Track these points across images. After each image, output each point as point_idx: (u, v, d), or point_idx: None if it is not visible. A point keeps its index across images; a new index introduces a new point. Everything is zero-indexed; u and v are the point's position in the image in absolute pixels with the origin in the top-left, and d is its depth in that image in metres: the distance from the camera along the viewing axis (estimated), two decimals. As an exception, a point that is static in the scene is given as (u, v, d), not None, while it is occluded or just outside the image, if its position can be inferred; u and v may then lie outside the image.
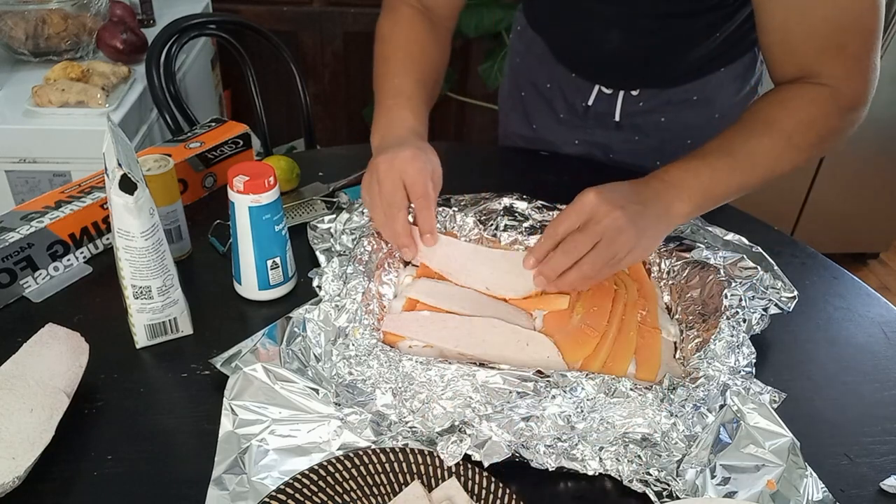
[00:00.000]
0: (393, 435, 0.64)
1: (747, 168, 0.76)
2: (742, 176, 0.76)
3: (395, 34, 0.92)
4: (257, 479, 0.60)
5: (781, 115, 0.77)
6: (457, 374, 0.65)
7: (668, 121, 1.05)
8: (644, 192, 0.73)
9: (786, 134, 0.76)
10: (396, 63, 0.89)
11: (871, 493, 0.64)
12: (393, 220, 0.77)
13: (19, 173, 1.45)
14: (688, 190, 0.74)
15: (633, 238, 0.70)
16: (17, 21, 1.56)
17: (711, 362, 0.68)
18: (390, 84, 0.87)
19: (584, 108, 1.08)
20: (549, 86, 1.10)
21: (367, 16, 2.29)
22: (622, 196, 0.71)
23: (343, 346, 0.69)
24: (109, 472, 0.62)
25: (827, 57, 0.75)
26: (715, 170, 0.75)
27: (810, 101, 0.77)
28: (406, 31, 0.91)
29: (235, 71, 1.95)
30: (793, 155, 0.77)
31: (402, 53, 0.90)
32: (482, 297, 0.79)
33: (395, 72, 0.88)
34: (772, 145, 0.76)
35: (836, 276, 0.91)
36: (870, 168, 2.19)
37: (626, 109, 1.06)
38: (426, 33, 0.92)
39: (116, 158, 0.65)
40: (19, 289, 0.80)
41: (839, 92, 0.76)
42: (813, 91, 0.77)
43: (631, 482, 0.61)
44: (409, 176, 0.76)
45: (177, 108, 1.48)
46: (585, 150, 1.13)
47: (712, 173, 0.75)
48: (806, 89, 0.77)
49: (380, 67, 0.90)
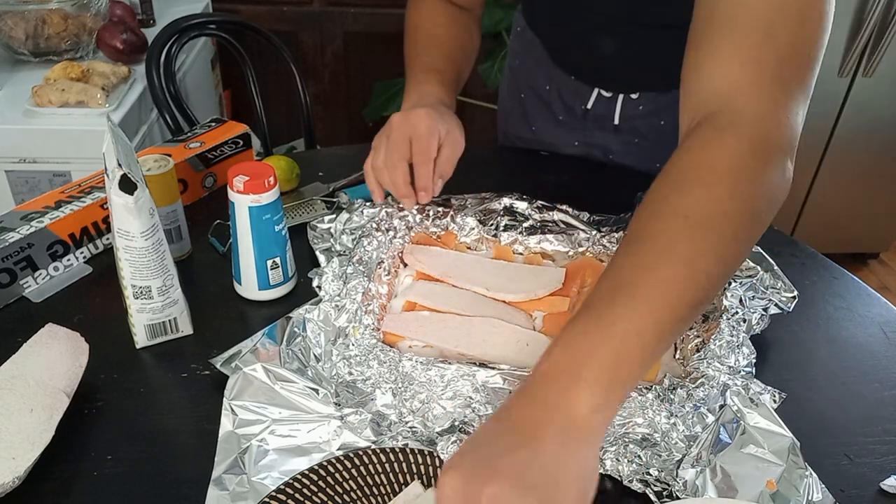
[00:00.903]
0: (393, 435, 0.64)
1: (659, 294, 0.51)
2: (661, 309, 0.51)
3: (420, 21, 0.96)
4: (257, 479, 0.60)
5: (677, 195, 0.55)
6: (457, 374, 0.65)
7: (668, 123, 1.05)
8: (528, 414, 0.48)
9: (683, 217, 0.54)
10: (424, 44, 0.93)
11: (871, 493, 0.64)
12: (393, 169, 0.80)
13: (19, 173, 1.45)
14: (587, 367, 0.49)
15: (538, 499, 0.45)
16: (17, 21, 1.56)
17: (711, 362, 0.68)
18: (419, 62, 0.91)
19: (584, 111, 1.08)
20: (547, 88, 1.10)
21: (367, 16, 2.29)
22: (492, 455, 0.46)
23: (343, 346, 0.69)
24: (109, 472, 0.62)
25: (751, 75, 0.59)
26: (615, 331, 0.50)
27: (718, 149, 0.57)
28: (431, 17, 0.96)
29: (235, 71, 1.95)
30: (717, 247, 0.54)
31: (429, 36, 0.94)
32: (482, 299, 0.79)
33: (423, 52, 0.92)
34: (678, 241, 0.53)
35: (836, 276, 0.91)
36: (870, 168, 2.19)
37: (625, 113, 1.05)
38: (450, 17, 0.96)
39: (116, 158, 0.65)
40: (19, 289, 0.80)
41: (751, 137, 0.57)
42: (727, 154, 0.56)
43: (631, 482, 0.61)
44: (417, 130, 0.79)
45: (177, 108, 1.48)
46: (585, 151, 1.13)
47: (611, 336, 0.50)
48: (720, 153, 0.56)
49: (409, 52, 0.94)
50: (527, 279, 0.80)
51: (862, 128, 2.09)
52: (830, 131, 2.11)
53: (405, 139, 0.79)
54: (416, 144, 0.79)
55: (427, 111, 0.80)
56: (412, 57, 0.93)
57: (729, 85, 0.59)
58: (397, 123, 0.80)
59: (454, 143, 0.82)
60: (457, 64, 0.93)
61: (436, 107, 0.83)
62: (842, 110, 2.06)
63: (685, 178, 0.56)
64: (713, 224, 0.54)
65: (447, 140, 0.81)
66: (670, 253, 0.52)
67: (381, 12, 2.28)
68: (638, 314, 0.50)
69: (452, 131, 0.82)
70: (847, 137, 2.11)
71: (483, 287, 0.80)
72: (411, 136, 0.79)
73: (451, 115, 0.84)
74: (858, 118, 2.07)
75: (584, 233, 0.86)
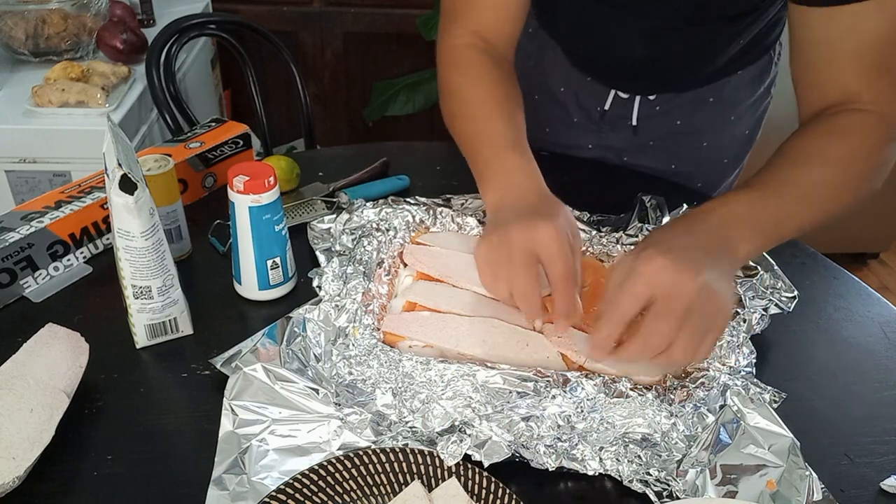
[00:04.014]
0: (393, 435, 0.64)
1: (812, 201, 0.69)
2: (809, 211, 0.69)
3: (468, 83, 0.82)
4: (257, 479, 0.60)
5: (835, 147, 0.70)
6: (457, 374, 0.65)
7: (684, 123, 1.05)
8: (709, 238, 0.64)
9: (843, 166, 0.69)
10: (485, 111, 0.79)
11: (871, 493, 0.64)
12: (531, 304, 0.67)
13: (19, 173, 1.45)
14: (754, 226, 0.66)
15: (719, 304, 0.61)
16: (17, 21, 1.56)
17: (711, 362, 0.68)
18: (489, 135, 0.77)
19: (600, 113, 1.07)
20: (562, 90, 1.09)
21: (367, 16, 2.29)
22: (693, 256, 0.60)
23: (343, 346, 0.69)
24: (109, 472, 0.62)
25: (871, 78, 0.70)
26: (783, 202, 0.67)
27: (861, 130, 0.70)
28: (481, 76, 0.82)
29: (235, 71, 1.95)
30: (851, 188, 0.70)
31: (487, 100, 0.80)
32: (482, 298, 0.79)
33: (486, 117, 0.78)
34: (832, 177, 0.69)
35: (836, 276, 0.91)
36: (870, 168, 2.19)
37: (642, 113, 1.04)
38: (499, 71, 0.83)
39: (116, 158, 0.65)
40: (19, 289, 0.80)
41: (886, 118, 0.70)
42: (861, 119, 0.70)
43: (631, 482, 0.61)
44: (548, 252, 0.65)
45: (177, 108, 1.48)
46: (598, 154, 1.11)
47: (779, 207, 0.67)
48: (853, 118, 0.70)
49: (464, 123, 0.80)
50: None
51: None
52: (830, 131, 2.11)
53: (535, 268, 0.66)
54: (553, 272, 0.66)
55: (552, 226, 0.65)
56: (474, 128, 0.78)
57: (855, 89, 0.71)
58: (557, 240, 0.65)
59: (577, 246, 0.69)
60: (521, 124, 0.79)
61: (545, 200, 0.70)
62: (842, 110, 2.06)
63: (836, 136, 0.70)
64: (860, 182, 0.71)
65: (575, 244, 0.68)
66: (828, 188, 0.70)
67: (381, 12, 2.29)
68: (800, 203, 0.68)
69: (574, 232, 0.69)
70: (847, 137, 2.11)
71: (483, 287, 0.80)
72: (541, 259, 0.66)
73: (557, 203, 0.71)
74: (858, 118, 2.07)
75: (584, 233, 0.86)
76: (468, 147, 0.79)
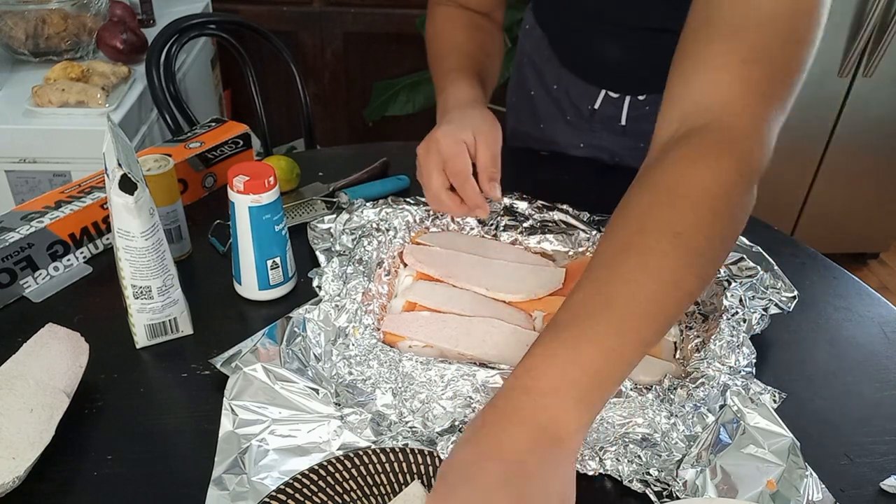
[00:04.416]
0: (393, 435, 0.64)
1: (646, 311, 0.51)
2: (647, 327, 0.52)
3: (437, 31, 0.95)
4: (257, 479, 0.60)
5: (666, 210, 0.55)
6: (457, 374, 0.65)
7: None
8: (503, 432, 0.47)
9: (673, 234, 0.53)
10: (443, 51, 0.92)
11: (871, 493, 0.64)
12: (438, 201, 0.78)
13: (19, 173, 1.45)
14: (576, 386, 0.48)
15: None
16: (17, 21, 1.56)
17: (711, 362, 0.68)
18: (441, 69, 0.89)
19: (591, 112, 1.08)
20: (555, 87, 1.10)
21: (367, 16, 2.29)
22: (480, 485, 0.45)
23: (343, 346, 0.69)
24: (109, 472, 0.62)
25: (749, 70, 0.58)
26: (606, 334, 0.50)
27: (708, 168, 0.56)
28: (448, 25, 0.95)
29: (235, 71, 1.95)
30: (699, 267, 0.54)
31: (446, 42, 0.92)
32: (482, 298, 0.79)
33: (443, 59, 0.91)
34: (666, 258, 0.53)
35: (836, 276, 0.91)
36: (870, 168, 2.19)
37: (632, 113, 1.05)
38: (467, 22, 0.95)
39: (116, 158, 0.65)
40: (19, 289, 0.80)
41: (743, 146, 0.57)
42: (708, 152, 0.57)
43: (631, 482, 0.61)
44: (442, 153, 0.76)
45: (177, 108, 1.48)
46: (590, 153, 1.12)
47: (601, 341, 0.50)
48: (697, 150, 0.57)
49: (431, 64, 0.93)
50: (527, 279, 0.80)
51: (862, 128, 2.09)
52: (830, 131, 2.11)
53: (438, 167, 0.77)
54: (448, 168, 0.77)
55: (444, 130, 0.77)
56: (434, 67, 0.92)
57: (720, 99, 0.59)
58: (422, 156, 0.78)
59: (487, 141, 0.78)
60: (477, 61, 0.90)
61: (457, 110, 0.80)
62: (842, 110, 2.07)
63: (674, 194, 0.55)
64: (700, 243, 0.54)
65: (479, 142, 0.77)
66: (659, 270, 0.52)
67: (381, 12, 2.29)
68: (625, 329, 0.50)
69: (480, 130, 0.78)
70: (847, 137, 2.11)
71: (483, 287, 0.80)
72: (442, 161, 0.77)
73: (474, 110, 0.80)
74: (858, 118, 2.07)
75: (584, 233, 0.86)
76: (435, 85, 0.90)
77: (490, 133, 0.79)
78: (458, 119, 0.79)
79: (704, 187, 0.55)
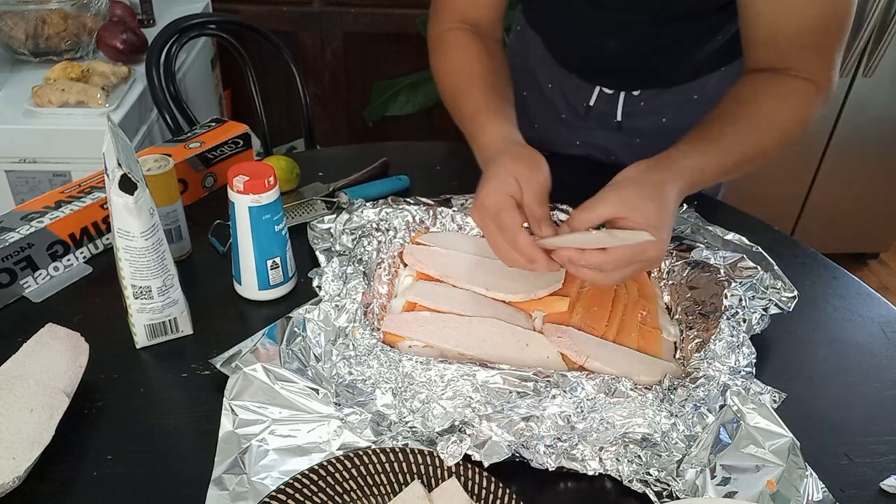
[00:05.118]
0: (393, 435, 0.64)
1: (744, 158, 0.78)
2: (734, 163, 0.78)
3: (451, 65, 0.90)
4: (257, 479, 0.60)
5: (782, 111, 0.80)
6: (457, 374, 0.65)
7: (670, 120, 1.05)
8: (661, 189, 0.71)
9: (781, 129, 0.80)
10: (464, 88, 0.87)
11: (871, 493, 0.64)
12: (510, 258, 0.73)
13: (19, 173, 1.45)
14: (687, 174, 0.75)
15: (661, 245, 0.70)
16: (17, 21, 1.56)
17: (711, 362, 0.68)
18: (466, 110, 0.85)
19: (586, 109, 1.08)
20: (549, 86, 1.10)
21: (367, 16, 2.29)
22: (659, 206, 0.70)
23: (343, 346, 0.69)
24: (109, 472, 0.62)
25: (809, 53, 0.80)
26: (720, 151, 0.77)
27: (803, 97, 0.81)
28: (461, 56, 0.90)
29: (235, 71, 1.95)
30: (779, 145, 0.81)
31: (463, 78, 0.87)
32: (482, 298, 0.79)
33: (465, 96, 0.86)
34: (769, 137, 0.80)
35: (836, 276, 0.91)
36: (870, 168, 2.19)
37: (627, 110, 1.05)
38: (478, 50, 0.90)
39: (116, 158, 0.65)
40: (19, 289, 0.80)
41: (818, 86, 0.81)
42: (801, 87, 0.81)
43: (631, 482, 0.61)
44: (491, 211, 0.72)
45: (177, 108, 1.48)
46: (586, 151, 1.13)
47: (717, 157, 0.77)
48: (795, 85, 0.81)
49: (452, 101, 0.88)
50: (527, 279, 0.80)
51: (862, 128, 2.09)
52: (830, 131, 2.11)
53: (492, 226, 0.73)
54: (498, 225, 0.72)
55: (486, 190, 0.73)
56: (455, 105, 0.87)
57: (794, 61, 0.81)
58: (479, 224, 0.75)
59: (532, 186, 0.73)
60: (499, 93, 0.86)
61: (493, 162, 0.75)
62: (842, 110, 2.06)
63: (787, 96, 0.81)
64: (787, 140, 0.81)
65: (525, 187, 0.73)
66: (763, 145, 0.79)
67: (381, 12, 2.28)
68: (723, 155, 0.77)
69: (521, 175, 0.73)
70: (847, 137, 2.11)
71: (483, 287, 0.80)
72: (492, 220, 0.72)
73: (510, 156, 0.75)
74: (858, 118, 2.07)
75: (584, 233, 0.86)
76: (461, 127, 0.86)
77: (531, 176, 0.74)
78: (495, 173, 0.74)
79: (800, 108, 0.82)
